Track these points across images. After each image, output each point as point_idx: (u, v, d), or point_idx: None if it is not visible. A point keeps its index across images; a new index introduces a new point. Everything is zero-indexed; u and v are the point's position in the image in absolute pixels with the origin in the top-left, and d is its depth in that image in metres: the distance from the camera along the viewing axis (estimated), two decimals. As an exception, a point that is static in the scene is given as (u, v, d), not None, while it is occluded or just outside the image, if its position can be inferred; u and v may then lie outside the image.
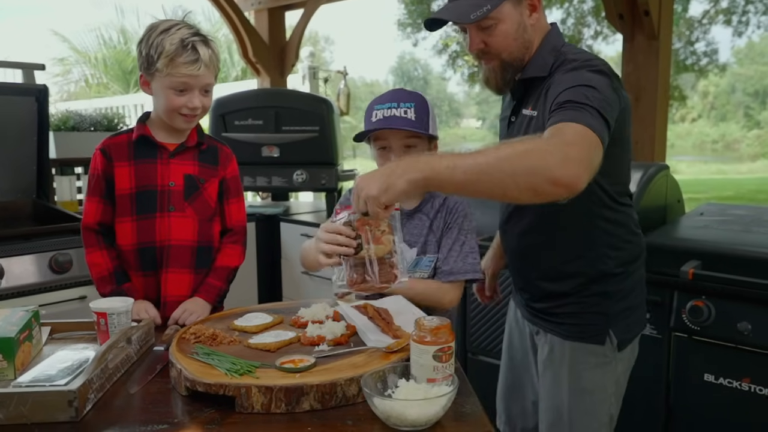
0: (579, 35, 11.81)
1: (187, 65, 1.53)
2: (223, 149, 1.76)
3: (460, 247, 1.67)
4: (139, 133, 1.64)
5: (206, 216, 1.69)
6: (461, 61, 11.64)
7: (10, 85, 3.07)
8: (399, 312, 1.45)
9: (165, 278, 1.64)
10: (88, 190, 1.68)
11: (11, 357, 1.18)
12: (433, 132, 1.63)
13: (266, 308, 1.55)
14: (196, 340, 1.30)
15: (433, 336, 1.12)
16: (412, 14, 11.79)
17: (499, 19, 1.49)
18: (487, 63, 1.57)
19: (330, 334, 1.29)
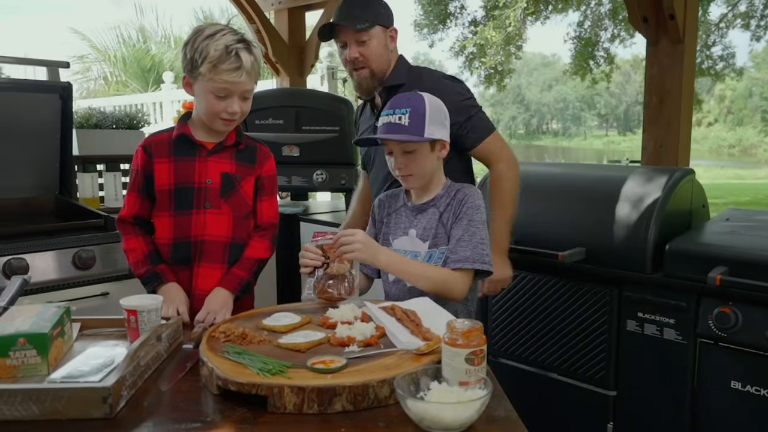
0: (596, 38, 11.75)
1: (229, 72, 1.55)
2: (262, 149, 1.78)
3: (470, 237, 1.66)
4: (179, 132, 1.68)
5: (242, 213, 1.72)
6: (478, 63, 11.60)
7: (35, 83, 3.09)
8: (427, 314, 1.44)
9: (197, 272, 1.68)
10: (129, 184, 1.74)
11: (45, 352, 1.19)
12: (431, 135, 1.65)
13: (293, 308, 1.55)
14: (226, 339, 1.30)
15: (465, 339, 1.12)
16: (428, 15, 11.77)
17: (372, 36, 1.98)
18: (360, 72, 2.01)
19: (360, 335, 1.29)
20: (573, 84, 47.67)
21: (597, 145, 49.62)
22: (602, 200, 2.30)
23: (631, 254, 2.16)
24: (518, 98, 58.24)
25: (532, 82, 59.87)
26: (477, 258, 1.64)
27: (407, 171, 1.70)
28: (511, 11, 10.25)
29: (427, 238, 1.71)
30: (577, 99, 55.58)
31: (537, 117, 59.80)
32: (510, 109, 59.08)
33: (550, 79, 57.84)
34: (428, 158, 1.69)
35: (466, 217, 1.67)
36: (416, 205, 1.77)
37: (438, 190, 1.75)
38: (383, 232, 1.82)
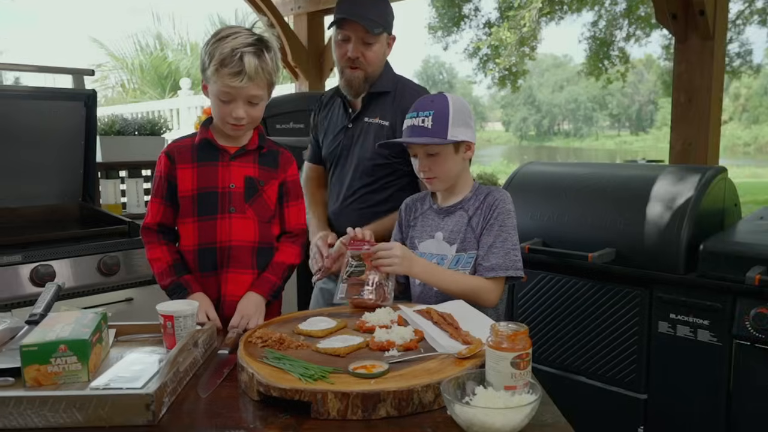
0: (611, 37, 11.67)
1: (230, 76, 1.53)
2: (284, 153, 1.76)
3: (501, 243, 1.65)
4: (201, 137, 1.67)
5: (265, 218, 1.70)
6: (492, 64, 11.57)
7: (62, 91, 3.11)
8: (464, 317, 1.43)
9: (225, 278, 1.65)
10: (152, 191, 1.72)
11: (85, 359, 1.18)
12: (455, 137, 1.63)
13: (327, 312, 1.54)
14: (264, 344, 1.29)
15: (510, 342, 1.10)
16: (442, 18, 11.76)
17: (378, 41, 1.97)
18: (354, 71, 1.98)
19: (399, 339, 1.27)
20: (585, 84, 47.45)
21: (609, 146, 49.30)
22: (632, 200, 2.27)
23: (663, 254, 2.13)
24: (529, 99, 58.01)
25: (543, 83, 59.62)
26: (509, 265, 1.63)
27: (431, 174, 1.69)
28: (526, 12, 10.20)
29: (454, 241, 1.69)
30: (588, 99, 55.28)
31: (548, 118, 59.53)
32: (521, 110, 58.90)
33: (562, 79, 57.59)
34: (453, 160, 1.68)
35: (497, 223, 1.65)
36: (443, 208, 1.75)
37: (465, 192, 1.74)
38: (410, 235, 1.80)
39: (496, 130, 64.71)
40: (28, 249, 2.53)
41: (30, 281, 2.51)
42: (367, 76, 2.00)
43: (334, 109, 2.17)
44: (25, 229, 2.82)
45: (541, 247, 2.39)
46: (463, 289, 1.61)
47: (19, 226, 2.88)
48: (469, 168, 1.76)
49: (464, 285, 1.62)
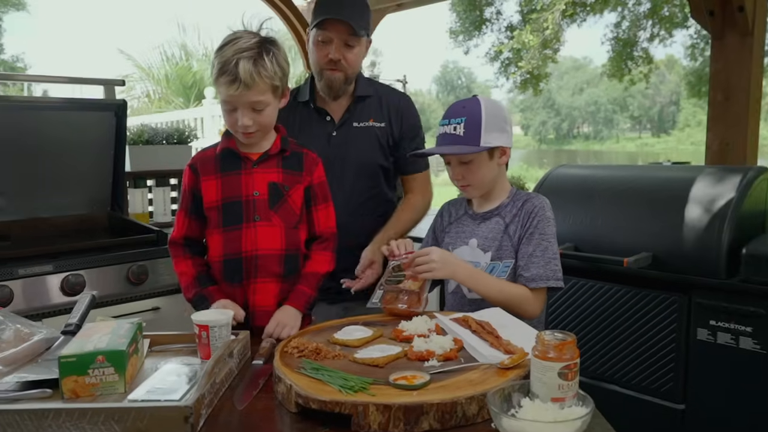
0: (634, 38, 11.53)
1: (226, 85, 1.50)
2: (309, 155, 1.72)
3: (542, 252, 1.61)
4: (223, 146, 1.64)
5: (292, 223, 1.66)
6: (514, 68, 11.49)
7: (93, 101, 3.14)
8: (503, 325, 1.39)
9: (253, 288, 1.62)
10: (179, 204, 1.70)
11: (122, 370, 1.17)
12: (488, 143, 1.59)
13: (362, 321, 1.51)
14: (300, 354, 1.27)
15: (557, 352, 1.06)
16: (464, 22, 11.72)
17: (359, 44, 1.94)
18: (334, 73, 1.95)
19: (439, 348, 1.24)
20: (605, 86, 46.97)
21: (630, 148, 48.74)
22: (669, 202, 2.22)
23: (702, 259, 2.07)
24: (548, 102, 57.63)
25: (562, 86, 59.20)
26: (550, 275, 1.59)
27: (465, 181, 1.66)
28: (549, 14, 10.12)
29: (489, 248, 1.65)
30: (609, 101, 54.74)
31: (568, 121, 59.06)
32: (540, 113, 58.53)
33: (582, 82, 57.13)
34: (487, 167, 1.64)
35: (537, 231, 1.61)
36: (479, 214, 1.72)
37: (502, 197, 1.70)
38: (445, 242, 1.77)
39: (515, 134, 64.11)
40: (59, 259, 2.55)
41: (60, 290, 2.53)
42: (347, 78, 1.97)
43: (297, 116, 2.06)
44: (56, 239, 2.84)
45: (573, 252, 2.34)
46: (507, 297, 1.57)
47: (50, 235, 2.91)
48: (505, 173, 1.72)
49: (508, 294, 1.58)
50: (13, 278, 2.45)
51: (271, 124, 1.62)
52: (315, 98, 2.05)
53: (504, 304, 1.54)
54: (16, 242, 2.79)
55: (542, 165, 30.64)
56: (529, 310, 1.60)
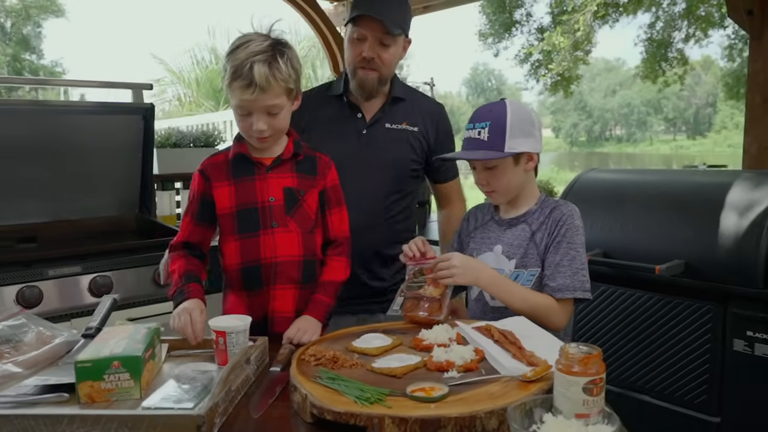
0: (669, 38, 11.28)
1: (241, 89, 1.46)
2: (322, 158, 1.69)
3: (569, 262, 1.55)
4: (236, 152, 1.60)
5: (308, 228, 1.63)
6: (544, 70, 11.34)
7: (122, 105, 3.19)
8: (527, 335, 1.34)
9: (272, 295, 1.60)
10: (185, 209, 1.67)
11: (138, 376, 1.16)
12: (512, 149, 1.54)
13: (382, 328, 1.48)
14: (317, 362, 1.25)
15: (581, 366, 1.01)
16: (493, 24, 11.62)
17: (396, 44, 1.86)
18: (368, 72, 1.87)
19: (459, 359, 1.20)
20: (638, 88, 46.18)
21: (664, 151, 47.83)
22: (703, 208, 2.14)
23: (739, 267, 1.99)
24: (580, 105, 56.92)
25: (594, 87, 58.41)
26: (577, 286, 1.54)
27: (490, 187, 1.62)
28: (580, 15, 9.96)
29: (514, 256, 1.61)
30: (642, 103, 53.85)
31: (600, 123, 58.24)
32: (571, 116, 57.86)
33: (614, 84, 56.29)
34: (512, 173, 1.59)
35: (565, 240, 1.56)
36: (505, 220, 1.67)
37: (530, 204, 1.65)
38: (470, 247, 1.73)
39: (545, 137, 63.58)
40: (87, 260, 2.59)
41: (89, 291, 2.56)
42: (381, 78, 1.89)
43: (326, 110, 1.98)
44: (85, 241, 2.89)
45: (602, 258, 2.28)
46: (531, 306, 1.52)
47: (79, 237, 2.95)
48: (534, 179, 1.67)
49: (533, 302, 1.53)
50: (43, 279, 2.49)
51: (285, 127, 1.59)
52: (348, 93, 1.97)
53: (528, 314, 1.49)
54: (43, 244, 2.83)
55: (573, 168, 30.24)
56: (554, 321, 1.54)
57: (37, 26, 28.51)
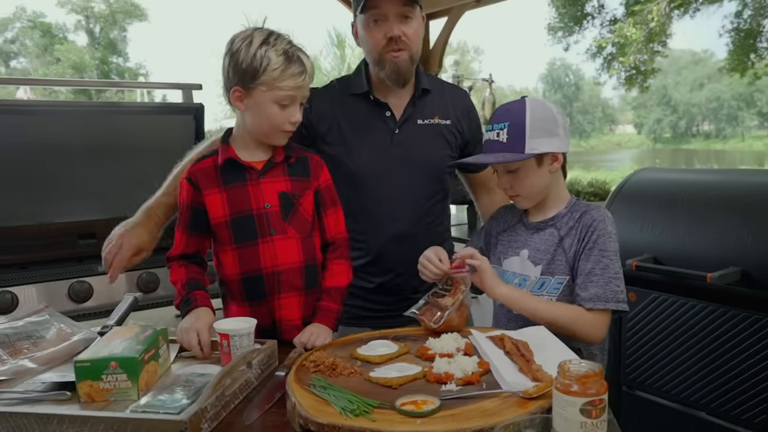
0: (758, 28, 10.55)
1: (295, 77, 1.45)
2: (313, 158, 1.63)
3: (602, 270, 1.45)
4: (225, 157, 1.53)
5: (306, 232, 1.58)
6: (617, 64, 10.86)
7: (171, 105, 3.28)
8: (542, 347, 1.26)
9: (279, 304, 1.55)
10: (177, 221, 1.61)
11: (135, 377, 1.17)
12: (534, 150, 1.45)
13: (392, 334, 1.44)
14: (315, 368, 1.22)
15: (580, 385, 0.93)
16: (563, 17, 11.23)
17: (416, 16, 1.72)
18: (399, 55, 1.71)
19: (459, 371, 1.14)
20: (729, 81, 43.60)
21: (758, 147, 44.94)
22: (763, 212, 1.96)
23: (801, 277, 1.81)
24: (664, 99, 54.33)
25: (680, 81, 55.62)
26: (610, 296, 1.43)
27: (513, 191, 1.54)
28: (654, 5, 9.46)
29: (540, 261, 1.52)
30: (733, 97, 50.75)
31: (686, 119, 55.37)
32: (655, 111, 55.34)
33: (702, 77, 53.36)
34: (536, 175, 1.50)
35: (597, 247, 1.46)
36: (533, 223, 1.58)
37: (560, 207, 1.56)
38: (497, 250, 1.65)
39: (627, 133, 61.33)
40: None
41: (137, 288, 2.65)
42: (411, 57, 1.74)
43: (351, 111, 1.82)
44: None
45: (651, 264, 2.14)
46: (558, 319, 1.43)
47: None
48: (562, 181, 1.58)
49: (560, 316, 1.43)
50: (93, 275, 2.59)
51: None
52: (372, 89, 1.81)
53: (557, 328, 1.40)
54: (102, 239, 2.94)
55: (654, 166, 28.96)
56: (588, 334, 1.45)
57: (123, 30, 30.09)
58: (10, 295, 2.40)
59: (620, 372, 2.33)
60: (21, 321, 1.46)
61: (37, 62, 30.42)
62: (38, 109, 2.94)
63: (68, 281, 2.52)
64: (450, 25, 4.23)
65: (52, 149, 2.82)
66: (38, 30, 31.24)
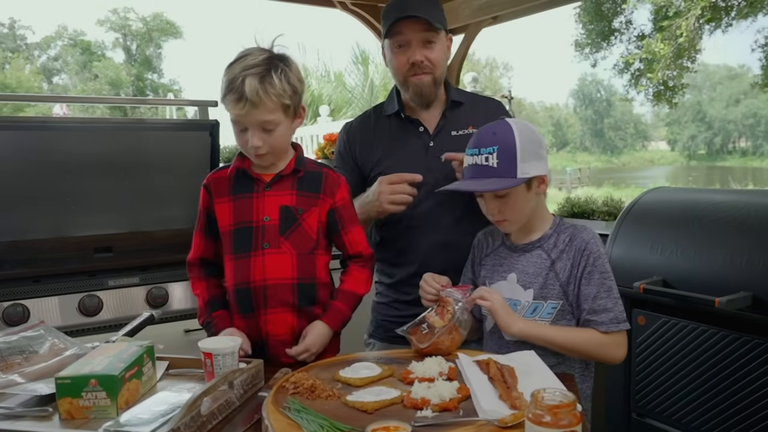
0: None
1: (233, 103, 1.43)
2: (330, 174, 1.61)
3: (607, 293, 1.45)
4: (236, 167, 1.57)
5: (306, 250, 1.56)
6: (645, 80, 10.68)
7: (188, 122, 3.33)
8: (529, 372, 1.24)
9: (265, 319, 1.54)
10: (196, 224, 1.67)
11: (114, 395, 1.17)
12: (525, 174, 1.42)
13: (379, 356, 1.42)
14: (294, 390, 1.20)
15: (552, 416, 0.91)
16: (590, 33, 11.12)
17: (439, 41, 1.78)
18: (422, 78, 1.78)
19: (437, 397, 1.12)
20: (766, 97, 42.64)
21: (797, 164, 43.78)
22: (775, 235, 1.89)
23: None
24: (698, 115, 53.38)
25: (714, 97, 54.60)
26: (621, 317, 1.44)
27: (501, 216, 1.50)
28: (683, 20, 9.29)
29: (530, 285, 1.49)
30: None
31: (721, 135, 54.25)
32: (689, 127, 54.38)
33: (738, 92, 52.28)
34: (525, 199, 1.48)
35: (596, 270, 1.44)
36: (518, 245, 1.55)
37: (544, 228, 1.53)
38: (481, 275, 1.62)
39: (660, 150, 60.42)
40: (147, 271, 2.71)
41: (146, 302, 2.67)
42: (435, 80, 1.79)
43: (386, 132, 1.89)
44: (157, 252, 3.02)
45: (659, 287, 2.07)
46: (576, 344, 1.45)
47: (153, 248, 3.07)
48: (544, 202, 1.55)
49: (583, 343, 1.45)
50: (104, 288, 2.63)
51: (284, 144, 1.55)
52: (403, 108, 1.88)
53: (582, 356, 1.46)
54: (118, 253, 2.99)
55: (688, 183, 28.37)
56: (613, 355, 1.47)
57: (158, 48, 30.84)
58: (21, 308, 2.44)
59: (630, 399, 2.27)
60: (15, 335, 1.48)
61: (76, 78, 31.39)
62: (56, 125, 3.01)
63: (79, 295, 2.56)
64: (467, 41, 4.22)
65: (70, 164, 2.88)
66: (78, 48, 32.28)
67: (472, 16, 3.79)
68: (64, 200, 2.94)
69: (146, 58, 31.27)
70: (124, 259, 2.84)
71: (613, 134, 58.58)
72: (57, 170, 2.85)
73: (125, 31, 32.57)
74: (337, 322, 1.58)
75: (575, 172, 31.68)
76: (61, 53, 32.62)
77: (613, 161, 55.80)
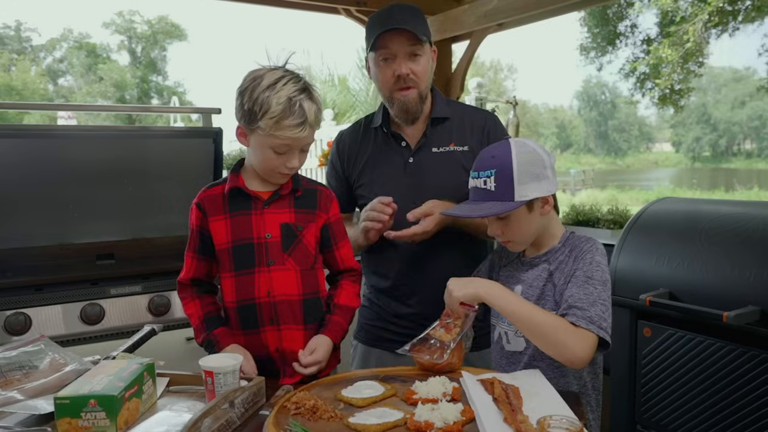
0: (797, 47, 10.23)
1: (292, 128, 1.43)
2: (323, 191, 1.64)
3: (586, 295, 1.37)
4: (231, 185, 1.55)
5: (307, 265, 1.58)
6: (651, 83, 10.64)
7: (191, 129, 3.32)
8: (534, 393, 1.22)
9: (278, 335, 1.54)
10: (187, 244, 1.63)
11: (113, 415, 1.16)
12: (523, 197, 1.40)
13: (381, 373, 1.40)
14: (296, 411, 1.19)
15: (558, 445, 0.89)
16: (595, 37, 11.09)
17: (425, 53, 1.77)
18: (407, 93, 1.77)
19: (440, 420, 1.10)
20: (772, 99, 42.49)
21: (803, 166, 43.57)
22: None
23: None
24: (703, 117, 53.19)
25: (720, 99, 54.41)
26: (594, 319, 1.33)
27: (505, 237, 1.49)
28: (690, 25, 9.25)
29: (531, 297, 1.47)
30: (777, 116, 49.39)
31: (726, 137, 54.06)
32: (694, 129, 54.20)
33: (743, 95, 52.09)
34: (527, 220, 1.46)
35: (583, 274, 1.40)
36: (528, 259, 1.55)
37: (554, 242, 1.51)
38: None
39: (664, 151, 60.24)
40: (150, 280, 2.70)
41: (147, 311, 2.66)
42: (420, 95, 1.78)
43: (370, 143, 1.91)
44: (159, 259, 3.01)
45: (666, 300, 2.05)
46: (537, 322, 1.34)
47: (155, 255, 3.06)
48: (555, 217, 1.53)
49: (540, 319, 1.34)
50: (106, 297, 2.62)
51: (304, 163, 1.57)
52: (389, 123, 1.89)
53: (533, 336, 1.35)
54: (120, 261, 2.99)
55: (692, 186, 28.26)
56: (572, 345, 1.31)
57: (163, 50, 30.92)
58: (23, 316, 2.44)
59: (635, 410, 2.24)
60: (15, 351, 1.47)
61: (81, 81, 31.49)
62: (59, 133, 3.01)
63: (81, 303, 2.55)
64: (472, 48, 4.21)
65: (73, 171, 2.87)
66: (84, 50, 32.39)
67: (477, 23, 3.77)
68: (67, 207, 2.93)
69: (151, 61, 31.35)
70: (127, 266, 2.83)
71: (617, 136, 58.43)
72: (60, 177, 2.84)
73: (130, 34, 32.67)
74: (338, 336, 1.59)
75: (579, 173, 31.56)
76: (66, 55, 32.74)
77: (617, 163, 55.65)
